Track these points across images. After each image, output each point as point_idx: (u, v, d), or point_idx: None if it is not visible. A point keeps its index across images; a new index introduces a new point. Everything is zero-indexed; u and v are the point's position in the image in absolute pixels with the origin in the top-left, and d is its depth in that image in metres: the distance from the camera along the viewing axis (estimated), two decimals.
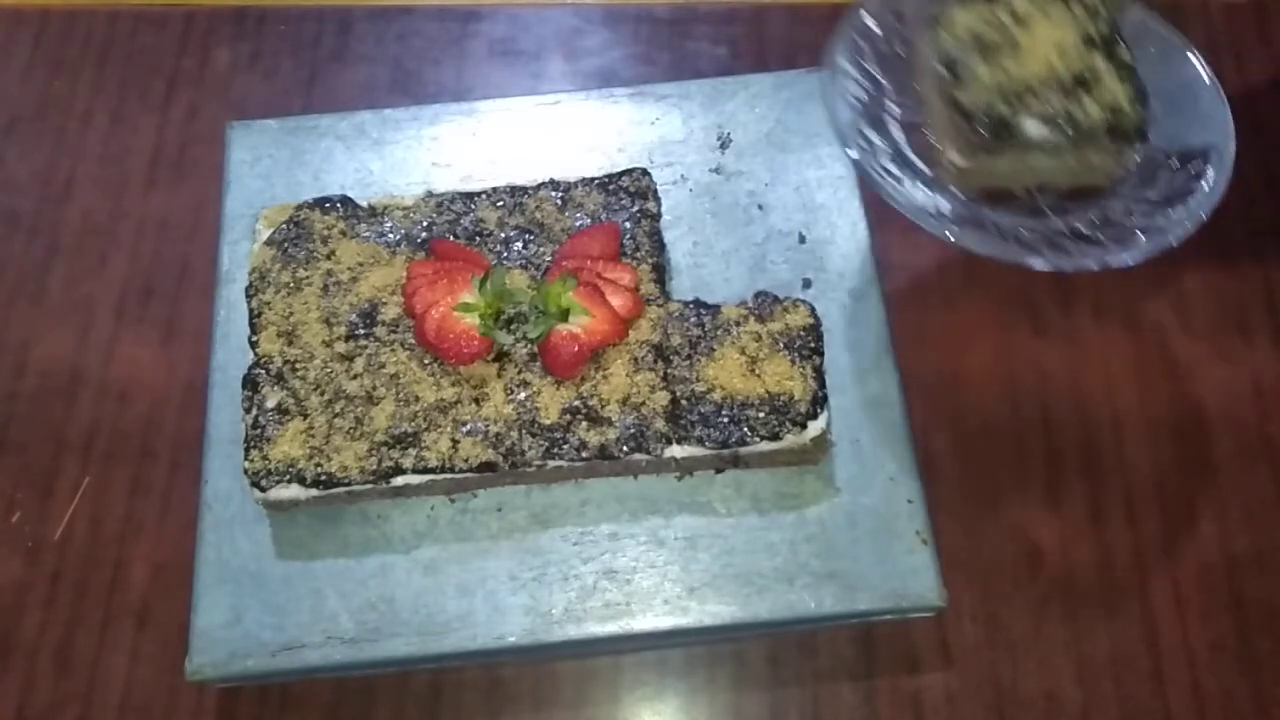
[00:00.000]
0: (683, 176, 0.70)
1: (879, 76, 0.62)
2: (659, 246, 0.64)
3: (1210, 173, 0.59)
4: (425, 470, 0.58)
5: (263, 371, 0.61)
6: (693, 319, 0.61)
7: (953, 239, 0.57)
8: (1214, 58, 0.79)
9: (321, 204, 0.65)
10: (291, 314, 0.62)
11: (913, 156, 0.59)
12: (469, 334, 0.59)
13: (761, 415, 0.58)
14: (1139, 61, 0.61)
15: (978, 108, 0.58)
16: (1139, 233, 0.57)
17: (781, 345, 0.60)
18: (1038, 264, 0.57)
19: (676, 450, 0.59)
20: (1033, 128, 0.57)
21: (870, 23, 0.62)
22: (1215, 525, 0.65)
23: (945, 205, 0.57)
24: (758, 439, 0.58)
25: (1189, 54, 0.62)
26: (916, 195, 0.58)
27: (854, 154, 0.59)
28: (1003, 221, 0.57)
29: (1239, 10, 0.81)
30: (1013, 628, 0.63)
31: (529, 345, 0.60)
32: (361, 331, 0.61)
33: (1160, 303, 0.71)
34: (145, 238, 0.75)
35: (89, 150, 0.78)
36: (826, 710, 0.61)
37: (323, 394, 0.60)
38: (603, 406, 0.59)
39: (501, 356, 0.60)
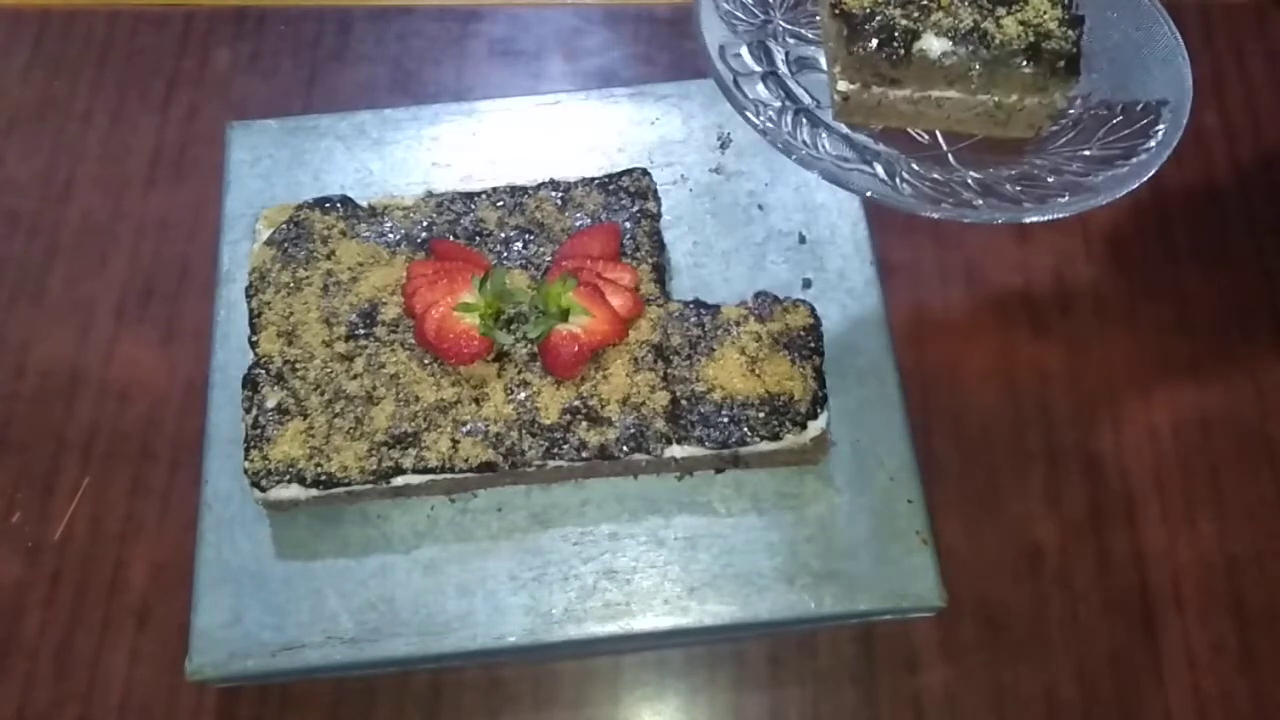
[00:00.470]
0: (683, 176, 0.70)
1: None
2: (659, 246, 0.64)
3: (1161, 128, 0.50)
4: (425, 470, 0.58)
5: (263, 371, 0.61)
6: (693, 319, 0.61)
7: (840, 179, 0.47)
8: (1214, 57, 0.79)
9: (321, 204, 0.65)
10: (291, 314, 0.62)
11: (794, 84, 0.50)
12: (469, 334, 0.59)
13: (761, 415, 0.58)
14: (1092, 5, 0.52)
15: (866, 11, 0.48)
16: (1061, 192, 0.48)
17: (781, 345, 0.60)
18: (932, 213, 0.48)
19: (676, 450, 0.59)
20: (935, 43, 0.47)
21: None
22: (1215, 525, 0.65)
23: (825, 143, 0.48)
24: (758, 439, 0.58)
25: (1152, 7, 0.54)
26: (794, 129, 0.49)
27: (722, 74, 0.50)
28: (899, 167, 0.48)
29: (1239, 10, 0.81)
30: (1013, 628, 0.63)
31: (529, 345, 0.60)
32: (361, 331, 0.61)
33: (1160, 303, 0.71)
34: (145, 238, 0.75)
35: (89, 150, 0.78)
36: (826, 710, 0.61)
37: (323, 394, 0.60)
38: (603, 406, 0.59)
39: (501, 356, 0.60)
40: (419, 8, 0.83)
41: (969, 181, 0.47)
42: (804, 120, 0.49)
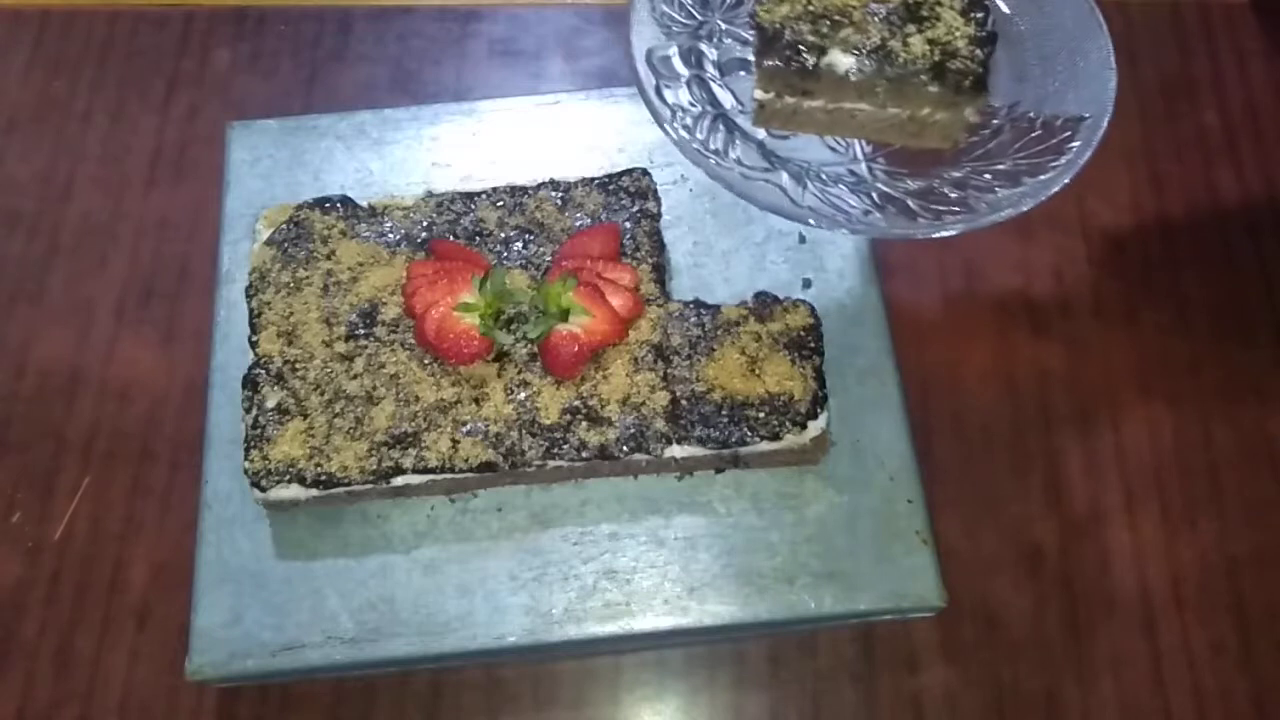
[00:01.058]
0: (683, 176, 0.69)
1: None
2: (659, 246, 0.64)
3: (1075, 145, 0.49)
4: (425, 470, 0.58)
5: (263, 371, 0.61)
6: (693, 319, 0.61)
7: (741, 190, 0.47)
8: (1214, 57, 0.79)
9: (321, 204, 0.65)
10: (291, 314, 0.62)
11: (719, 88, 0.51)
12: (469, 334, 0.59)
13: (761, 415, 0.58)
14: (1024, 12, 0.51)
15: (778, 25, 0.48)
16: (958, 205, 0.48)
17: (781, 345, 0.60)
18: (828, 227, 0.49)
19: (676, 450, 0.59)
20: (842, 60, 0.48)
21: None
22: (1215, 525, 0.65)
23: (739, 151, 0.48)
24: (758, 439, 0.58)
25: (1085, 8, 0.53)
26: (712, 139, 0.49)
27: (644, 79, 0.50)
28: (807, 178, 0.48)
29: (1239, 10, 0.81)
30: (1013, 628, 0.63)
31: (529, 345, 0.60)
32: (361, 331, 0.61)
33: (1160, 303, 0.71)
34: (145, 238, 0.75)
35: (89, 150, 0.78)
36: (826, 710, 0.61)
37: (323, 394, 0.60)
38: (603, 406, 0.59)
39: (501, 356, 0.60)
40: (419, 8, 0.83)
41: (872, 195, 0.48)
42: (720, 126, 0.49)
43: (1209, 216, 0.74)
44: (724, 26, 0.52)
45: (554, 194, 0.65)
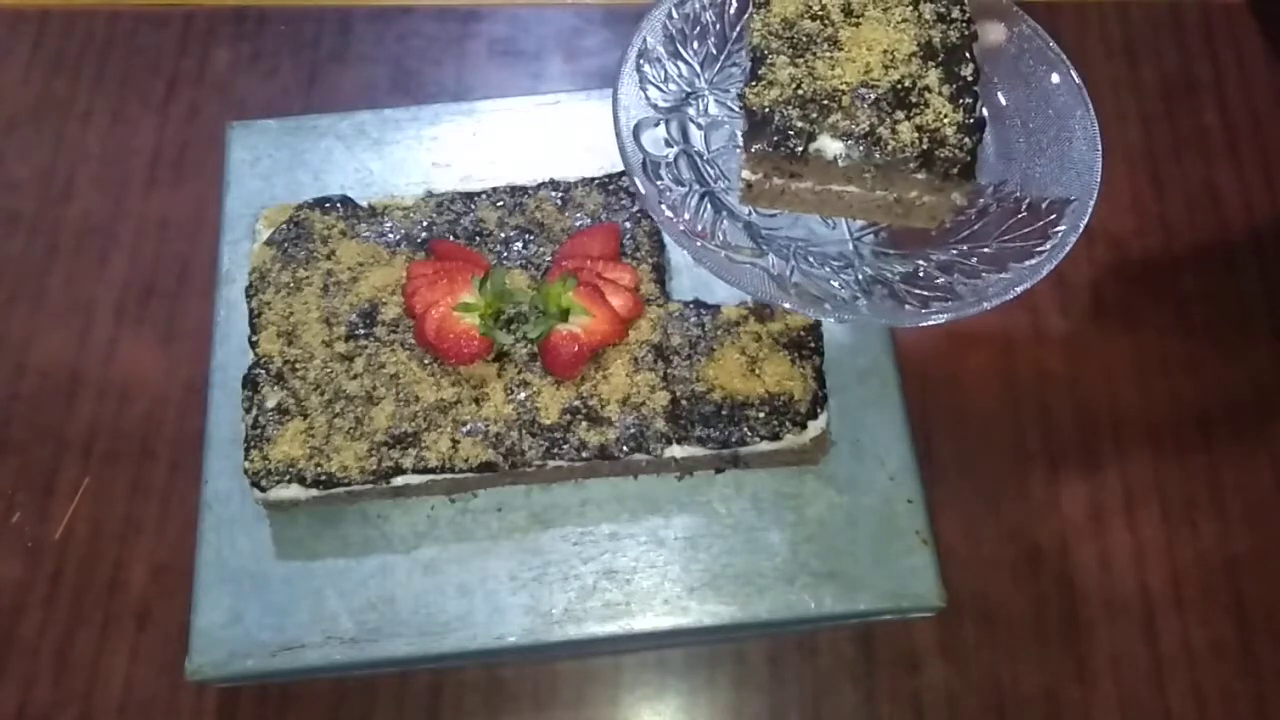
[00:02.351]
0: None
1: (697, 56, 0.53)
2: (659, 246, 0.64)
3: (1060, 229, 0.49)
4: (425, 470, 0.58)
5: (263, 371, 0.61)
6: (693, 319, 0.61)
7: (724, 276, 0.48)
8: (1214, 57, 0.79)
9: (321, 204, 0.65)
10: (291, 314, 0.62)
11: (704, 166, 0.51)
12: (469, 334, 0.59)
13: (761, 415, 0.58)
14: (1012, 90, 0.52)
15: (767, 110, 0.47)
16: (943, 294, 0.47)
17: (781, 345, 0.60)
18: (813, 315, 0.49)
19: (676, 450, 0.59)
20: (830, 146, 0.47)
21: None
22: (1215, 525, 0.65)
23: (726, 233, 0.48)
24: (758, 439, 0.58)
25: (1075, 84, 0.52)
26: (700, 217, 0.49)
27: (631, 159, 0.50)
28: (795, 259, 0.49)
29: (1239, 10, 0.81)
30: (1013, 628, 0.63)
31: (529, 345, 0.60)
32: (361, 331, 0.61)
33: (1160, 303, 0.71)
34: (145, 238, 0.75)
35: (89, 150, 0.78)
36: (826, 710, 0.61)
37: (323, 394, 0.60)
38: (603, 406, 0.59)
39: (501, 356, 0.60)
40: (419, 8, 0.83)
41: (859, 278, 0.48)
42: (708, 204, 0.49)
43: (1209, 216, 0.74)
44: (711, 99, 0.52)
45: (554, 194, 0.65)
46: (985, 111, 0.48)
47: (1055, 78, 0.52)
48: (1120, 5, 0.81)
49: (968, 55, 0.48)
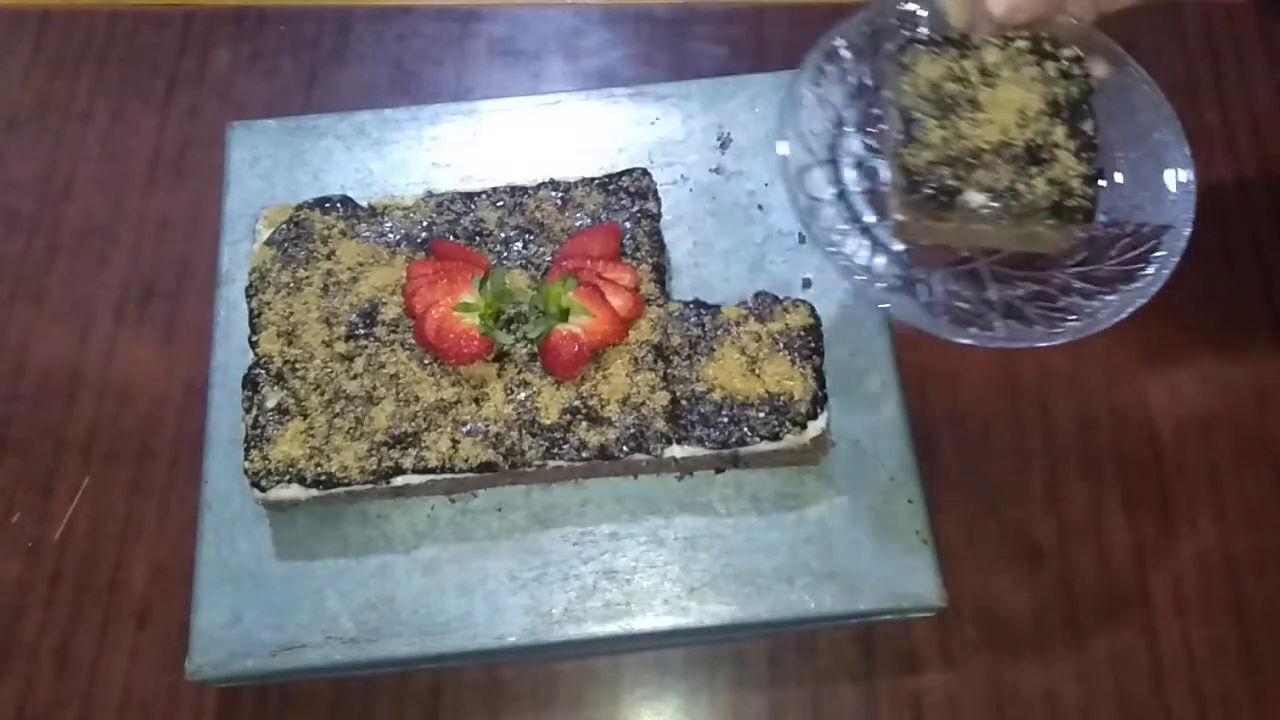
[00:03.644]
0: (683, 176, 0.70)
1: (841, 108, 0.59)
2: (659, 246, 0.64)
3: (1162, 253, 0.55)
4: (425, 470, 0.58)
5: (263, 371, 0.61)
6: (693, 319, 0.61)
7: (882, 305, 0.55)
8: (1214, 57, 0.79)
9: (321, 204, 0.65)
10: (291, 314, 0.62)
11: (860, 205, 0.57)
12: (469, 334, 0.59)
13: (761, 415, 0.58)
14: (1115, 122, 0.57)
15: (922, 170, 0.54)
16: (1068, 313, 0.54)
17: (781, 345, 0.60)
18: (963, 340, 0.55)
19: (676, 450, 0.59)
20: (975, 197, 0.53)
21: (844, 50, 0.58)
22: (1215, 525, 0.65)
23: (881, 263, 0.54)
24: (758, 439, 0.58)
25: (1170, 122, 0.57)
26: (858, 253, 0.56)
27: (796, 199, 0.56)
28: (938, 288, 0.55)
29: (1239, 10, 0.81)
30: (1013, 628, 0.63)
31: (529, 345, 0.60)
32: (361, 331, 0.61)
33: (1161, 302, 0.71)
34: (145, 238, 0.75)
35: (89, 150, 0.78)
36: (826, 710, 0.61)
37: (323, 394, 0.60)
38: (603, 406, 0.59)
39: (501, 356, 0.60)
40: (419, 8, 0.83)
41: (990, 299, 0.55)
42: (865, 240, 0.56)
43: (1209, 216, 0.73)
44: (860, 143, 0.58)
45: (554, 194, 0.65)
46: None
47: (1153, 114, 0.57)
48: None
49: (1087, 108, 0.54)
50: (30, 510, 0.67)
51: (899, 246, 0.55)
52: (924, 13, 0.58)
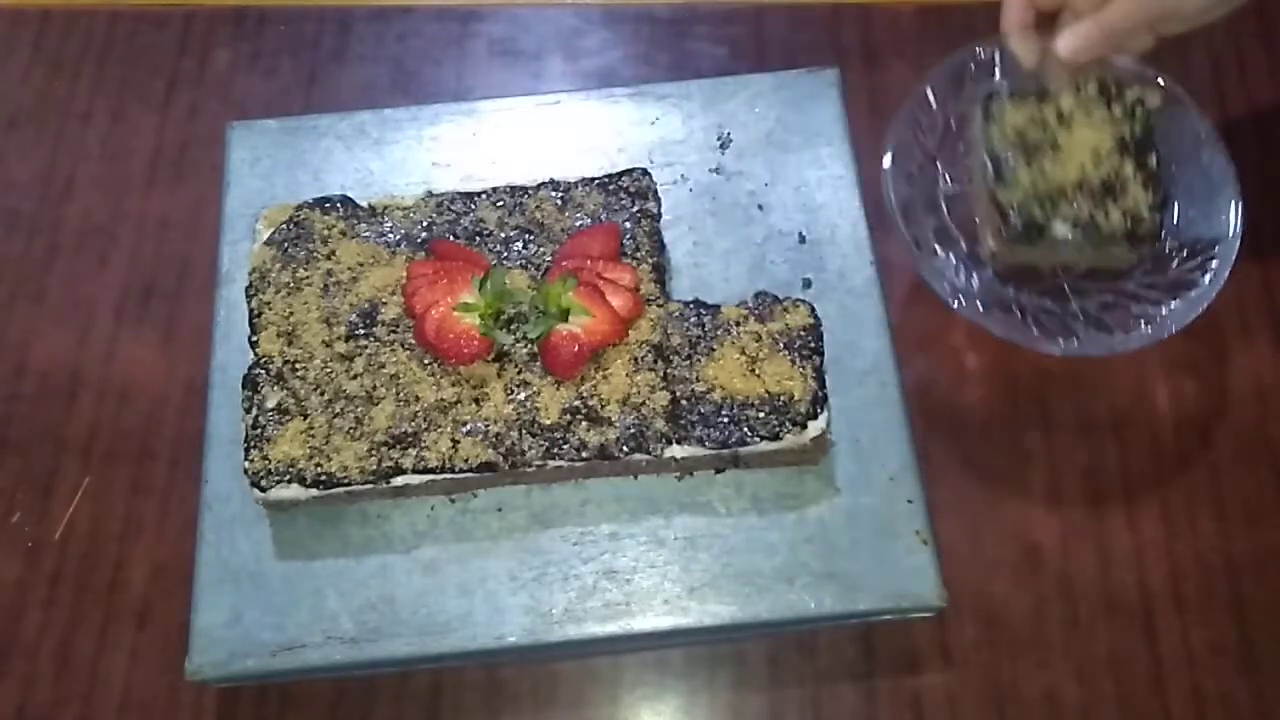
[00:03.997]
0: (683, 176, 0.70)
1: (933, 149, 0.66)
2: (659, 246, 0.64)
3: (1214, 265, 0.62)
4: (425, 470, 0.58)
5: (263, 371, 0.61)
6: (693, 319, 0.61)
7: (982, 322, 0.62)
8: (1214, 57, 0.79)
9: (321, 204, 0.65)
10: (291, 314, 0.62)
11: (955, 233, 0.64)
12: (469, 334, 0.59)
13: (761, 415, 0.58)
14: (1168, 144, 0.64)
15: (1014, 208, 0.61)
16: (1142, 321, 0.62)
17: (781, 345, 0.60)
18: (1054, 350, 0.62)
19: (676, 450, 0.59)
20: (1061, 229, 0.61)
21: (931, 98, 0.65)
22: (1215, 525, 0.65)
23: (976, 283, 0.62)
24: (758, 439, 0.58)
25: (1216, 149, 0.65)
26: (955, 275, 0.63)
27: (905, 234, 0.63)
28: (1027, 304, 0.62)
29: (1239, 10, 0.81)
30: (1013, 628, 0.63)
31: (529, 345, 0.60)
32: (361, 331, 0.61)
33: None
34: (145, 238, 0.75)
35: (89, 150, 0.78)
36: (826, 710, 0.61)
37: (323, 394, 0.60)
38: (603, 406, 0.59)
39: (501, 356, 0.60)
40: (419, 8, 0.83)
41: (1075, 311, 0.62)
42: (963, 267, 0.63)
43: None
44: (949, 179, 0.66)
45: (554, 194, 0.65)
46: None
47: (1201, 136, 0.65)
48: None
49: (1151, 143, 0.62)
50: (30, 510, 0.67)
51: (990, 271, 0.63)
52: (999, 60, 0.65)
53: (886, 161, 0.63)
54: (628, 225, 0.64)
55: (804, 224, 0.68)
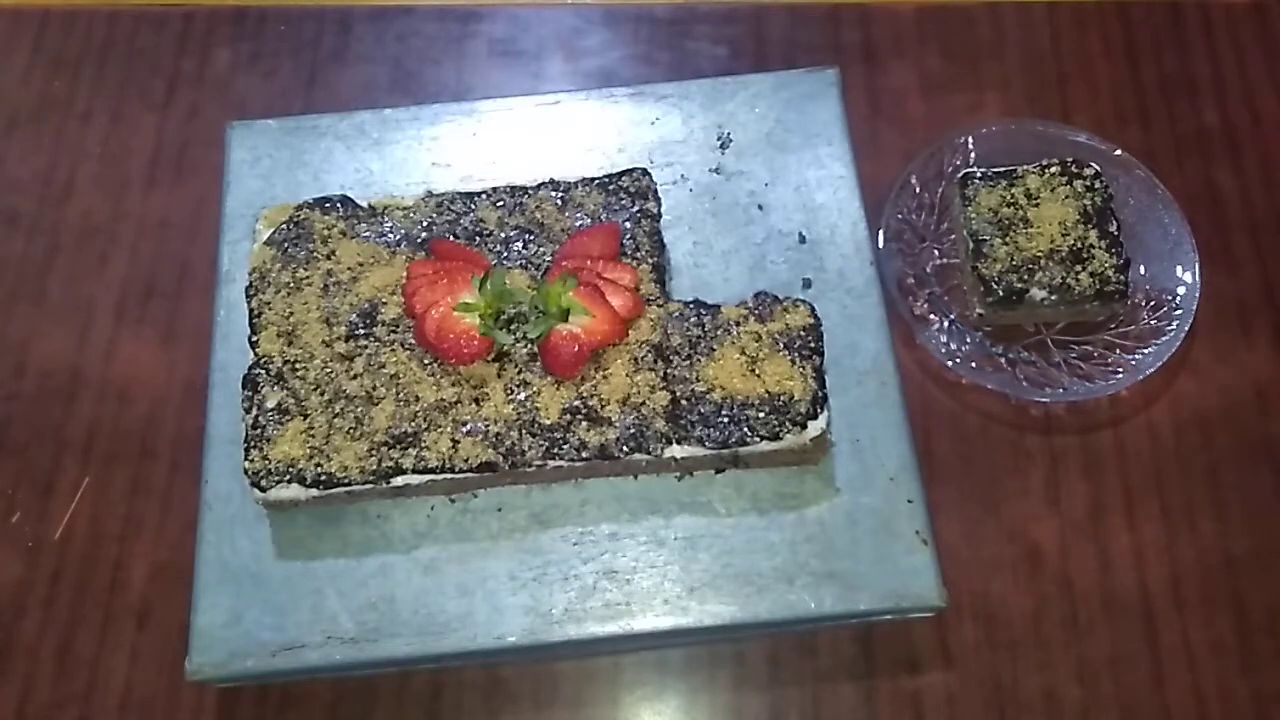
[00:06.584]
0: (683, 176, 0.70)
1: (921, 228, 0.72)
2: (659, 246, 0.64)
3: (1179, 314, 0.68)
4: (425, 470, 0.58)
5: (263, 371, 0.61)
6: (693, 319, 0.61)
7: (976, 379, 0.67)
8: (1214, 57, 0.79)
9: (321, 204, 0.65)
10: (291, 314, 0.62)
11: (946, 301, 0.70)
12: (469, 334, 0.59)
13: (761, 415, 0.58)
14: (1130, 210, 0.71)
15: (995, 278, 0.68)
16: (1119, 369, 0.67)
17: (781, 345, 0.60)
18: (1043, 399, 0.67)
19: (676, 450, 0.59)
20: (1038, 294, 0.67)
21: (915, 183, 0.72)
22: (1215, 525, 0.65)
23: (968, 344, 0.68)
24: (758, 439, 0.58)
25: (1172, 209, 0.71)
26: (949, 339, 0.68)
27: (901, 307, 0.68)
28: (1015, 360, 0.68)
29: (1239, 10, 0.81)
30: (1013, 628, 0.63)
31: (529, 345, 0.60)
32: (361, 331, 0.61)
33: None
34: (145, 238, 0.75)
35: (89, 150, 0.78)
36: (826, 710, 0.61)
37: (323, 394, 0.60)
38: (603, 406, 0.59)
39: (501, 356, 0.60)
40: (419, 8, 0.83)
41: (1058, 362, 0.68)
42: (953, 329, 0.69)
43: (1209, 216, 0.74)
44: (937, 252, 0.72)
45: (554, 194, 0.65)
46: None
47: (1155, 198, 0.72)
48: (1120, 5, 0.81)
49: (1110, 212, 0.69)
50: (30, 510, 0.67)
51: (979, 333, 0.69)
52: (971, 147, 0.73)
53: (880, 241, 0.69)
54: (628, 225, 0.64)
55: (804, 224, 0.68)
